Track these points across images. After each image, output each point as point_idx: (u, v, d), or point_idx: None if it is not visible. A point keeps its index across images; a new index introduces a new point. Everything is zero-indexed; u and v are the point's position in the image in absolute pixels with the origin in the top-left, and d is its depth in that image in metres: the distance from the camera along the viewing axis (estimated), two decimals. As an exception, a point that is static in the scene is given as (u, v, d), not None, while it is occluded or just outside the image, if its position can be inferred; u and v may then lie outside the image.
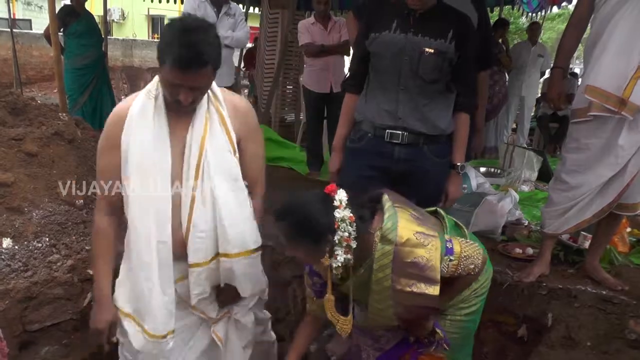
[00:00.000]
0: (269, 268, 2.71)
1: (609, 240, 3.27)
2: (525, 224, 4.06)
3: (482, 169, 5.90)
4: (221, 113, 1.95)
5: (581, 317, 2.82)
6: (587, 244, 3.41)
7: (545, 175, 5.58)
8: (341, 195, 1.82)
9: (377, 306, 1.91)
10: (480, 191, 4.22)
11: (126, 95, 6.90)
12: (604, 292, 2.87)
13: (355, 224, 1.81)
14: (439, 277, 1.84)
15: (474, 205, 4.04)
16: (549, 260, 3.21)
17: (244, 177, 2.03)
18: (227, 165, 1.96)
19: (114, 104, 5.55)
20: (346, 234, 1.79)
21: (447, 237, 1.97)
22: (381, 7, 2.53)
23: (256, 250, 2.10)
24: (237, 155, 1.99)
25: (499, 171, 5.87)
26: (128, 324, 2.00)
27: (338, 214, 1.79)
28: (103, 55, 6.68)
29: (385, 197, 1.96)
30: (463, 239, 2.04)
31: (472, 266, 1.95)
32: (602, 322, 2.77)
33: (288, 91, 7.62)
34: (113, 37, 17.47)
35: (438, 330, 2.08)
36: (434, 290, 1.82)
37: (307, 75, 5.54)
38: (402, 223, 1.86)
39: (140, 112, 1.86)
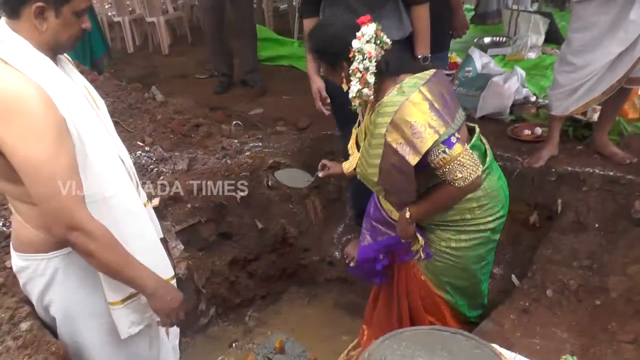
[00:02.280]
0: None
1: (617, 113, 3.28)
2: (533, 101, 4.03)
3: (487, 39, 5.75)
4: None
5: (589, 201, 2.92)
6: (595, 117, 3.42)
7: (553, 36, 5.41)
8: (368, 30, 1.85)
9: (366, 157, 2.01)
10: (485, 72, 4.15)
11: None
12: (611, 174, 2.94)
13: (375, 62, 1.86)
14: (423, 150, 1.86)
15: (480, 89, 4.02)
16: (557, 141, 3.25)
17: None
18: None
19: (101, 34, 5.35)
20: (361, 66, 1.84)
21: (458, 136, 1.95)
22: None
23: None
24: None
25: (504, 40, 5.69)
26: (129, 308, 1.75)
27: (355, 44, 1.84)
28: None
29: (427, 72, 1.98)
30: (472, 152, 1.99)
31: (460, 175, 1.92)
32: (609, 204, 2.87)
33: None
34: None
35: (418, 236, 2.20)
36: (413, 159, 1.87)
37: None
38: (425, 91, 1.88)
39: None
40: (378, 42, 1.87)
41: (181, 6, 7.50)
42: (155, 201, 2.68)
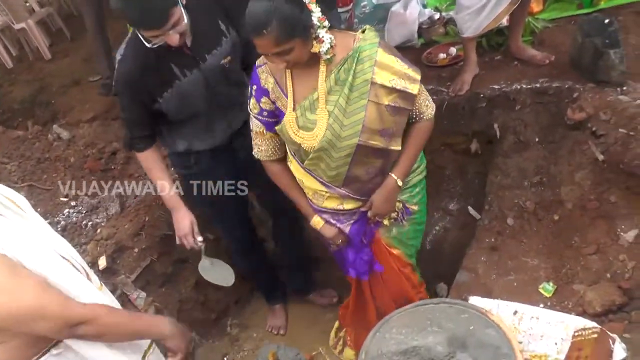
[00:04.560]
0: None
1: (525, 15, 3.24)
2: (438, 19, 3.93)
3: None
4: None
5: (524, 118, 2.93)
6: (505, 21, 3.38)
7: None
8: None
9: (342, 118, 1.84)
10: (382, 2, 3.97)
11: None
12: (538, 86, 2.92)
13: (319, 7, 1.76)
14: (419, 76, 1.85)
15: (382, 21, 3.90)
16: (475, 60, 3.21)
17: None
18: None
19: None
20: (319, 12, 1.73)
21: None
22: (147, 70, 2.09)
23: None
24: None
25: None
26: None
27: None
28: None
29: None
30: None
31: (430, 104, 1.98)
32: (543, 116, 2.89)
33: None
34: None
35: (398, 200, 2.16)
36: (414, 87, 1.83)
37: None
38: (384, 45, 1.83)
39: None
40: None
41: (46, 0, 6.81)
42: (102, 262, 2.54)
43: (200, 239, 2.33)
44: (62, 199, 2.87)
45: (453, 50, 3.53)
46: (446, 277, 2.85)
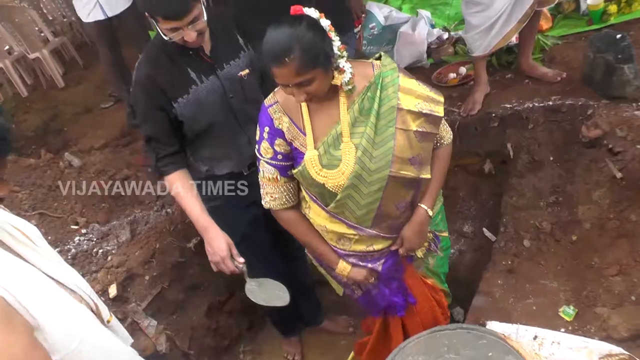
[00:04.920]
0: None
1: (535, 33, 3.23)
2: (446, 38, 3.94)
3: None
4: None
5: (538, 136, 2.90)
6: (514, 39, 3.37)
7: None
8: (310, 11, 1.64)
9: (371, 149, 1.75)
10: (390, 24, 4.00)
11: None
12: (551, 103, 2.89)
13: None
14: (442, 98, 1.82)
15: (391, 42, 3.94)
16: (486, 79, 3.20)
17: None
18: None
19: None
20: (338, 41, 1.66)
21: None
22: (164, 71, 2.08)
23: None
24: None
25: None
26: None
27: (323, 22, 1.64)
28: None
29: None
30: None
31: (448, 129, 1.97)
32: (557, 134, 2.85)
33: None
34: None
35: (430, 231, 2.08)
36: (440, 109, 1.80)
37: None
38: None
39: None
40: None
41: (60, 30, 6.93)
42: (113, 290, 2.51)
43: (241, 260, 2.11)
44: (72, 226, 2.86)
45: (463, 69, 3.52)
46: (462, 301, 2.78)
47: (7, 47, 6.49)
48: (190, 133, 2.20)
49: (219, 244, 2.09)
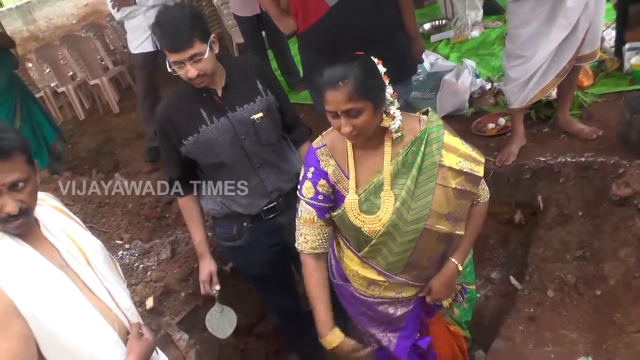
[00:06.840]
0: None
1: (574, 89, 3.31)
2: (489, 89, 4.05)
3: (427, 26, 5.75)
4: None
5: (568, 191, 2.96)
6: (554, 94, 3.44)
7: (491, 8, 5.43)
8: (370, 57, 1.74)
9: (409, 201, 1.78)
10: (435, 71, 4.15)
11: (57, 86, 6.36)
12: (583, 160, 2.96)
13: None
14: (483, 159, 1.85)
15: (435, 89, 4.01)
16: (522, 131, 3.28)
17: None
18: None
19: (49, 120, 5.03)
20: (390, 89, 1.73)
21: None
22: (178, 112, 2.23)
23: None
24: None
25: (444, 22, 5.70)
26: None
27: (380, 68, 1.72)
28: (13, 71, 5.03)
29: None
30: None
31: (485, 188, 1.98)
32: (588, 190, 2.91)
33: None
34: (5, 8, 14.00)
35: (458, 283, 2.10)
36: (480, 169, 1.82)
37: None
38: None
39: None
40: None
41: (120, 59, 7.37)
42: (149, 302, 2.67)
43: (217, 287, 2.50)
44: (117, 241, 3.05)
45: (502, 120, 3.61)
46: (485, 345, 2.82)
47: (70, 73, 6.97)
48: (206, 170, 2.35)
49: (204, 271, 2.49)
